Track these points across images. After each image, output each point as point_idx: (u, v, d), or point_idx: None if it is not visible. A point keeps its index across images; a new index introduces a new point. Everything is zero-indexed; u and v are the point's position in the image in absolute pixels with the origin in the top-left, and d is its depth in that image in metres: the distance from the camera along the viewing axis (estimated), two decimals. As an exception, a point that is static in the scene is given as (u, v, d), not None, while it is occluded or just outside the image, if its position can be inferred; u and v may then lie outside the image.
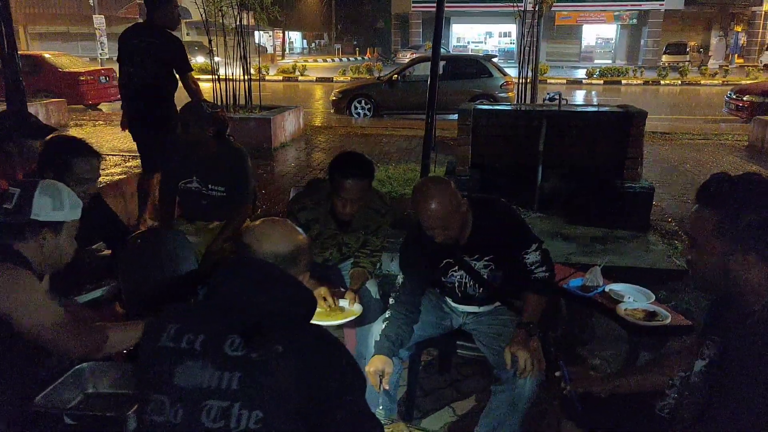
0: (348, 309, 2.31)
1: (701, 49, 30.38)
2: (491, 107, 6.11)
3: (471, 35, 34.21)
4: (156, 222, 3.60)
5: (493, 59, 12.57)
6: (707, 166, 7.10)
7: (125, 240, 2.26)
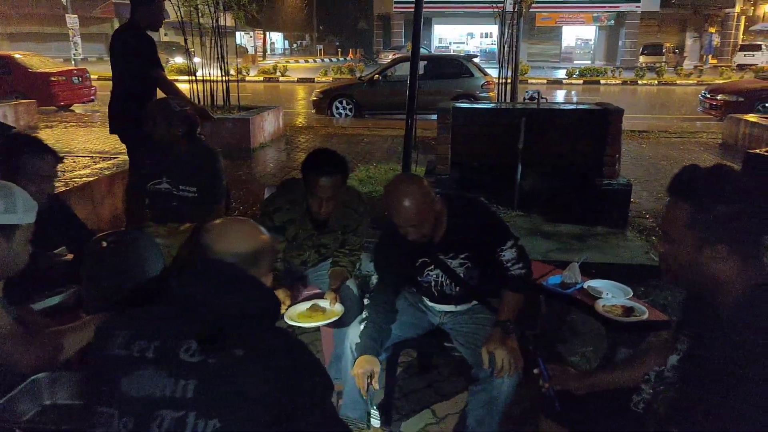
0: (329, 309, 2.25)
1: (677, 50, 30.88)
2: (470, 106, 6.10)
3: (453, 36, 34.35)
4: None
5: (474, 59, 12.63)
6: (683, 163, 6.98)
7: (88, 243, 2.17)
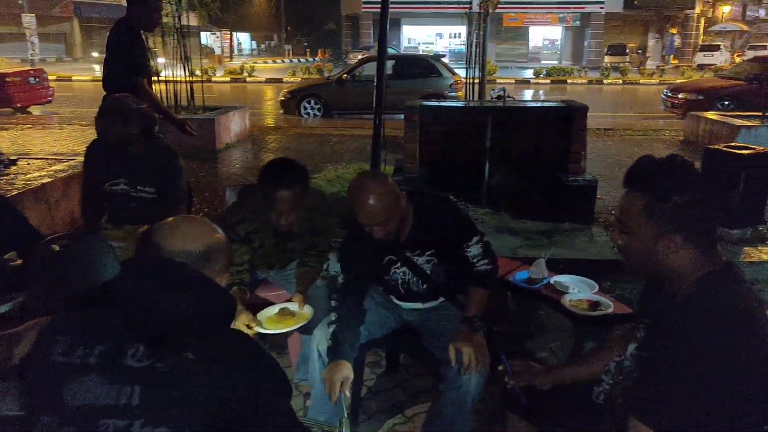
0: (298, 312, 2.20)
1: (640, 51, 31.71)
2: (437, 104, 6.11)
3: (422, 36, 34.53)
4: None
5: (442, 59, 12.68)
6: (647, 160, 7.33)
7: (38, 246, 2.06)
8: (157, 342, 1.02)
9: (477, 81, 7.80)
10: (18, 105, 11.13)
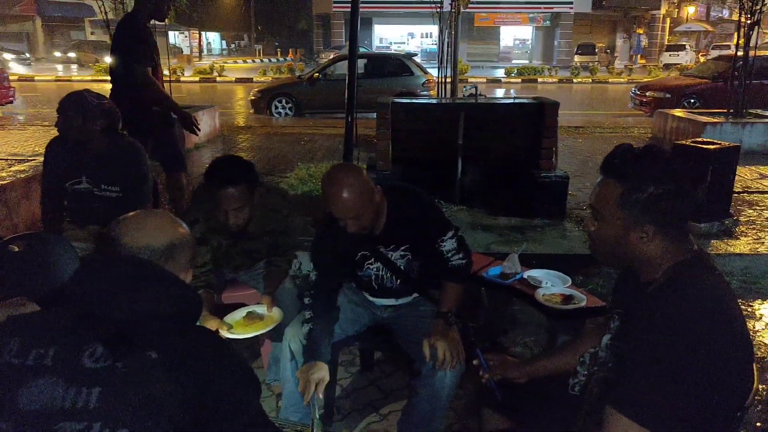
0: (267, 315, 2.15)
1: (608, 50, 32.34)
2: (409, 101, 6.08)
3: (393, 36, 34.56)
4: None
5: (414, 58, 12.70)
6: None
7: (-7, 247, 1.97)
8: (117, 341, 0.97)
9: (449, 80, 7.84)
10: (-24, 105, 10.76)
